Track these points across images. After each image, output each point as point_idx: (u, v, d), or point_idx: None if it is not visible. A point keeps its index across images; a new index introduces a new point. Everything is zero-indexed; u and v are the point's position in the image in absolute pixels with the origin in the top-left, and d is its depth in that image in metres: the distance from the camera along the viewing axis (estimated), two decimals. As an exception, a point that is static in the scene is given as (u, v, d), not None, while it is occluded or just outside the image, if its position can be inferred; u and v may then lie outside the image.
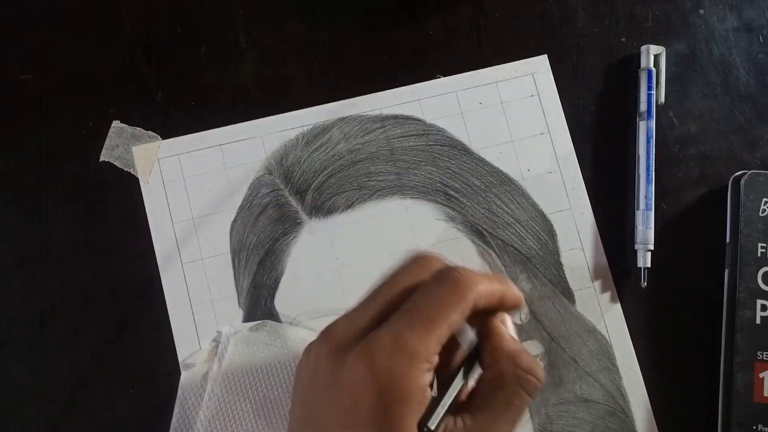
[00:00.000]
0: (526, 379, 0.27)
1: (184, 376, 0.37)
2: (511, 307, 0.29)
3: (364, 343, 0.26)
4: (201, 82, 0.41)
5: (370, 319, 0.27)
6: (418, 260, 0.29)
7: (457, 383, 0.28)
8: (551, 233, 0.40)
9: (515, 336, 0.29)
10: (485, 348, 0.28)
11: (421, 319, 0.26)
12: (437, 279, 0.28)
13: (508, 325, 0.29)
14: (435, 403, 0.26)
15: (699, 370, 0.39)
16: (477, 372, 0.28)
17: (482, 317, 0.28)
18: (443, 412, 0.26)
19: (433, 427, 0.26)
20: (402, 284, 0.28)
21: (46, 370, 0.37)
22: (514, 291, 0.29)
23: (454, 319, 0.27)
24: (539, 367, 0.28)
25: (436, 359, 0.26)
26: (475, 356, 0.28)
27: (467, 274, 0.27)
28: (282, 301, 0.39)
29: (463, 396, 0.28)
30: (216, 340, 0.38)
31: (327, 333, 0.28)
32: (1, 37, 0.41)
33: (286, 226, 0.39)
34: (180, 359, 0.37)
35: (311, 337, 0.34)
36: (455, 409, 0.27)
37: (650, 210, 0.40)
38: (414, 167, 0.40)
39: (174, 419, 0.37)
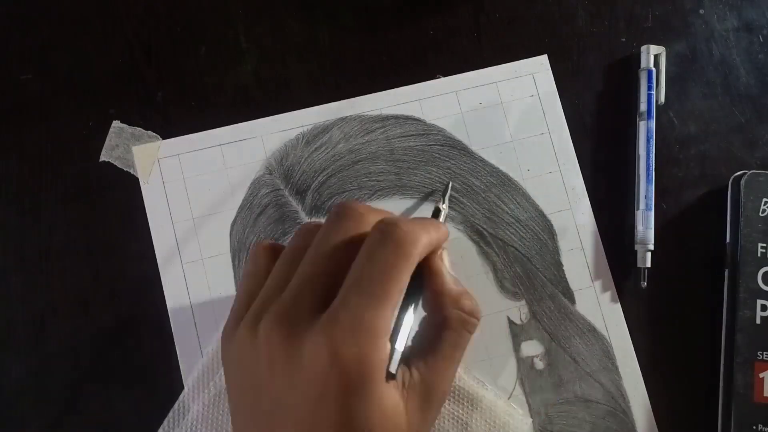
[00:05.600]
0: (470, 322, 0.29)
1: (206, 353, 0.37)
2: (443, 242, 0.30)
3: (323, 326, 0.26)
4: (201, 82, 0.41)
5: (317, 293, 0.27)
6: (345, 214, 0.29)
7: (406, 326, 0.29)
8: (551, 233, 0.40)
9: (452, 272, 0.30)
10: (428, 289, 0.29)
11: (376, 292, 0.26)
12: (380, 240, 0.27)
13: (446, 262, 0.30)
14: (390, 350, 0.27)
15: (699, 370, 0.39)
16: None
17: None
18: (399, 358, 0.27)
19: (394, 371, 0.27)
20: (340, 246, 0.28)
21: (46, 370, 0.37)
22: (444, 229, 0.30)
23: (405, 280, 0.27)
24: (478, 308, 0.29)
25: (392, 325, 0.27)
26: (411, 299, 0.29)
27: (409, 230, 0.27)
28: (282, 301, 0.39)
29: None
30: None
31: (277, 315, 0.27)
32: (1, 37, 0.41)
33: (286, 226, 0.39)
34: (180, 359, 0.37)
35: None
36: (405, 357, 0.28)
37: (650, 210, 0.40)
38: (414, 167, 0.40)
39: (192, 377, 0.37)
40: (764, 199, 0.39)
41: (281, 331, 0.26)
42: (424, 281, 0.30)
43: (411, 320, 0.29)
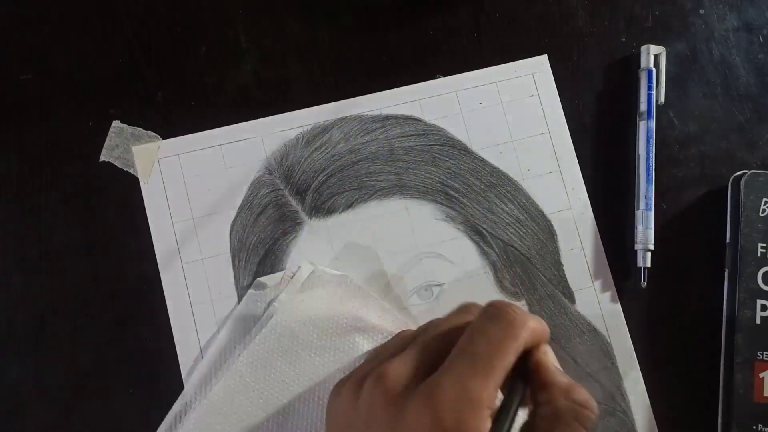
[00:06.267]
0: (584, 414, 0.27)
1: (249, 294, 0.38)
2: (546, 340, 0.29)
3: (426, 390, 0.26)
4: (201, 82, 0.41)
5: (424, 363, 0.27)
6: (463, 307, 0.30)
7: (513, 419, 0.27)
8: (551, 233, 0.40)
9: (559, 366, 0.29)
10: (536, 383, 0.28)
11: (482, 364, 0.26)
12: (491, 318, 0.28)
13: (551, 357, 0.29)
14: None
15: (699, 370, 0.39)
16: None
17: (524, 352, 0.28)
18: None
19: None
20: (450, 325, 0.29)
21: (46, 370, 0.37)
22: (547, 328, 0.30)
23: (511, 360, 0.27)
24: (592, 400, 0.27)
25: (497, 403, 0.26)
26: (517, 389, 0.28)
27: (519, 312, 0.28)
28: (282, 301, 0.39)
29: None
30: (293, 272, 0.38)
31: (380, 377, 0.27)
32: (1, 37, 0.41)
33: (286, 226, 0.39)
34: (180, 359, 0.37)
35: (388, 322, 0.36)
36: None
37: (650, 210, 0.40)
38: (414, 167, 0.40)
39: (221, 335, 0.37)
40: (764, 199, 0.39)
41: (384, 394, 0.27)
42: (531, 374, 0.29)
43: (517, 414, 0.28)
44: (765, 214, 0.39)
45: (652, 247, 0.39)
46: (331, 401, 0.31)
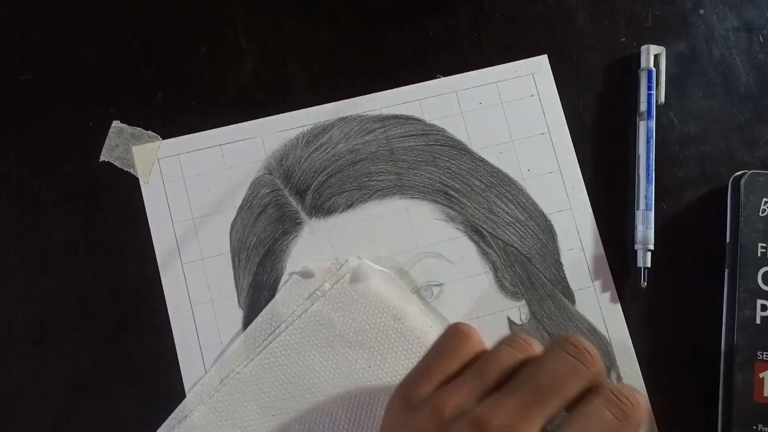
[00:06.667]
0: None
1: (294, 279, 0.38)
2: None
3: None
4: (201, 82, 0.41)
5: (536, 430, 0.28)
6: (575, 351, 0.30)
7: None
8: (551, 233, 0.40)
9: None
10: None
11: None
12: (611, 405, 0.28)
13: None
14: None
15: (699, 370, 0.39)
16: None
17: None
18: None
19: None
20: (553, 367, 0.29)
21: (46, 370, 0.37)
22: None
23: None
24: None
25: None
26: None
27: (638, 406, 0.29)
28: (282, 301, 0.39)
29: None
30: (341, 263, 0.38)
31: (481, 426, 0.27)
32: (1, 37, 0.41)
33: (286, 226, 0.39)
34: (180, 359, 0.37)
35: (427, 325, 0.36)
36: None
37: (650, 210, 0.40)
38: (414, 167, 0.40)
39: (260, 318, 0.38)
40: (764, 199, 0.39)
41: (440, 418, 0.28)
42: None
43: None
44: (765, 214, 0.39)
45: (652, 247, 0.39)
46: (401, 411, 0.30)
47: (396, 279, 0.39)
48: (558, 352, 0.29)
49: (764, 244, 0.38)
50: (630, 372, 0.39)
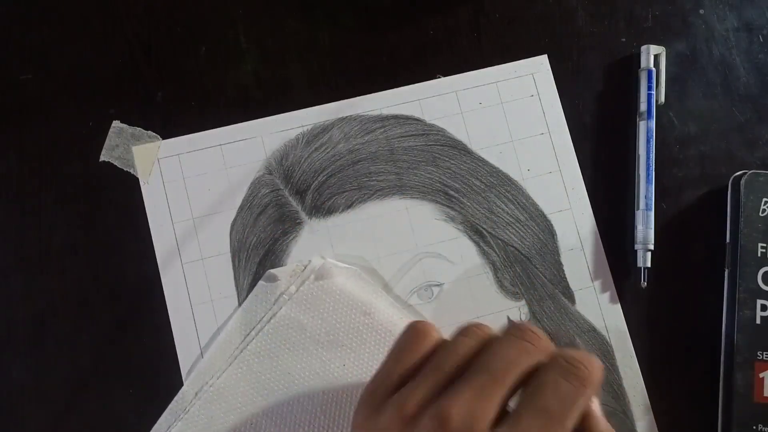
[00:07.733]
0: None
1: (260, 285, 0.38)
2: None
3: None
4: (201, 82, 0.41)
5: (495, 411, 0.27)
6: (520, 333, 0.30)
7: None
8: (551, 233, 0.40)
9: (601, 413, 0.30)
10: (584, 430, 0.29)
11: (553, 423, 0.27)
12: (564, 372, 0.28)
13: (597, 406, 0.30)
14: None
15: (699, 370, 0.39)
16: None
17: None
18: None
19: None
20: (521, 369, 0.29)
21: (46, 370, 0.37)
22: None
23: (577, 418, 0.28)
24: None
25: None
26: None
27: (593, 369, 0.28)
28: (282, 301, 0.39)
29: None
30: (304, 265, 0.38)
31: (443, 421, 0.27)
32: (1, 37, 0.41)
33: (286, 226, 0.39)
34: (180, 359, 0.37)
35: (396, 318, 0.36)
36: None
37: (650, 210, 0.40)
38: (414, 167, 0.40)
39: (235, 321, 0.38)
40: (764, 199, 0.39)
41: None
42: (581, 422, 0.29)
43: None
44: (765, 214, 0.39)
45: (652, 247, 0.39)
46: (366, 414, 0.30)
47: (363, 275, 0.38)
48: (506, 337, 0.30)
49: (764, 244, 0.38)
50: (630, 372, 0.39)
